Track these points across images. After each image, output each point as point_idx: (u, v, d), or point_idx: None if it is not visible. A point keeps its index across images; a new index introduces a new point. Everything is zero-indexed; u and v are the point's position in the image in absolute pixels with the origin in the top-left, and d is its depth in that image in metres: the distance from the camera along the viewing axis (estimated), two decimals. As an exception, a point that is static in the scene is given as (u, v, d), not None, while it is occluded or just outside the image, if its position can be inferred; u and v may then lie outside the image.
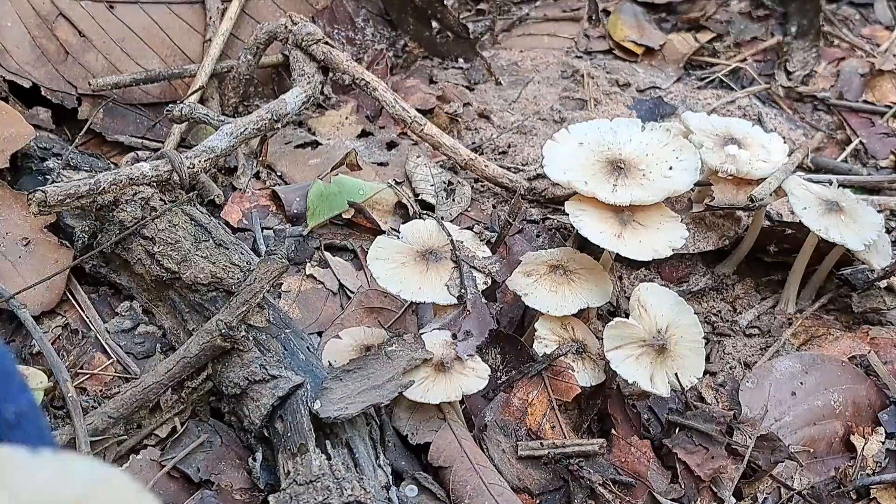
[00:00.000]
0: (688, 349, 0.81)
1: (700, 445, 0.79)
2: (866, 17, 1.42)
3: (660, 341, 0.79)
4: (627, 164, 0.87)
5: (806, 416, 0.84)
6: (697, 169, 0.88)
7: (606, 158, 0.88)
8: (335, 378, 0.77)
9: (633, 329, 0.79)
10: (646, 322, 0.80)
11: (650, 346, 0.79)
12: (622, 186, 0.85)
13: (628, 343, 0.79)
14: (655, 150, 0.89)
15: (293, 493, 0.71)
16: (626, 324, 0.79)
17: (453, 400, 0.78)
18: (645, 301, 0.81)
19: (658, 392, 0.78)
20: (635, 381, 0.78)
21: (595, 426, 0.83)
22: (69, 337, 0.92)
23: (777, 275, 0.99)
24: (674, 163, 0.88)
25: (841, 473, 0.81)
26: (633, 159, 0.88)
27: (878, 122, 1.24)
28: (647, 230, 0.86)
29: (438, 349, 0.79)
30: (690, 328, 0.82)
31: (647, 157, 0.88)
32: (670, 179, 0.87)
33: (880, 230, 0.90)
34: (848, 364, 0.89)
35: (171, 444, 0.80)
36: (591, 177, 0.86)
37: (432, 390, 0.77)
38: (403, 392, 0.77)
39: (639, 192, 0.85)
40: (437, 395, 0.77)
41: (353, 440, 0.75)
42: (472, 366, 0.79)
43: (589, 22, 1.38)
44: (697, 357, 0.81)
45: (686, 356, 0.80)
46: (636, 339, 0.79)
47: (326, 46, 1.10)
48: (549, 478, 0.78)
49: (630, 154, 0.89)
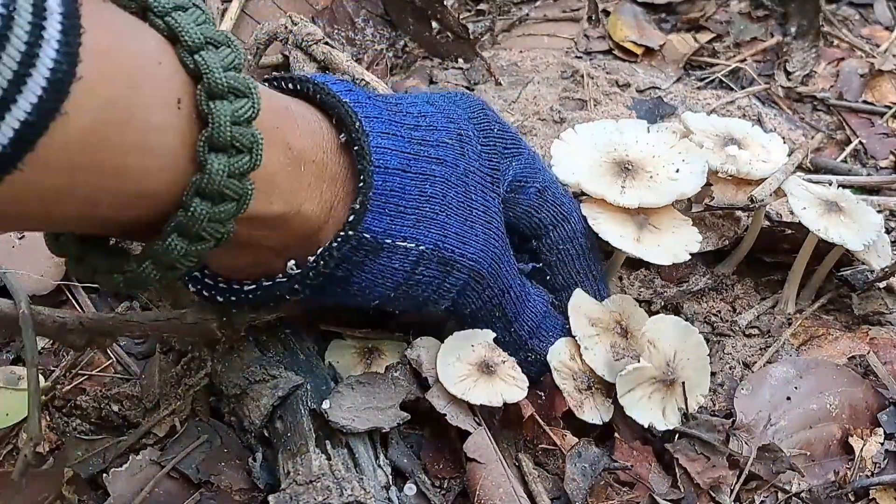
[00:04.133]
0: (693, 370, 0.81)
1: (701, 454, 0.79)
2: (866, 17, 1.41)
3: (670, 376, 0.79)
4: (635, 166, 0.87)
5: (801, 420, 0.85)
6: (704, 172, 0.88)
7: (614, 160, 0.87)
8: (348, 385, 0.77)
9: (645, 370, 0.79)
10: (656, 358, 0.80)
11: (661, 382, 0.79)
12: (630, 188, 0.85)
13: (640, 384, 0.79)
14: (662, 152, 0.89)
15: (293, 493, 0.71)
16: (639, 369, 0.79)
17: (494, 405, 0.77)
18: (654, 338, 0.81)
19: (672, 425, 0.78)
20: (651, 423, 0.78)
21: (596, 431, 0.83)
22: (69, 337, 0.92)
23: (777, 275, 0.99)
24: (680, 165, 0.87)
25: (839, 476, 0.81)
26: (640, 161, 0.88)
27: (877, 122, 1.24)
28: (663, 233, 0.85)
29: (480, 350, 0.79)
30: (696, 347, 0.82)
31: (653, 160, 0.88)
32: (677, 182, 0.86)
33: (880, 230, 0.90)
34: (843, 367, 0.89)
35: (170, 444, 0.81)
36: (600, 178, 0.86)
37: (473, 390, 0.77)
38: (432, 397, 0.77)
39: (647, 195, 0.85)
40: (478, 396, 0.77)
41: (353, 440, 0.75)
42: (512, 374, 0.79)
43: (589, 22, 1.38)
44: (703, 375, 0.82)
45: (692, 378, 0.80)
46: (647, 378, 0.79)
47: (326, 47, 1.10)
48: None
49: (637, 156, 0.88)
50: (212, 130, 0.53)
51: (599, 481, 0.78)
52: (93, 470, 0.80)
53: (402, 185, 0.68)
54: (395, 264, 0.69)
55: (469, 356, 0.78)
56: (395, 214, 0.68)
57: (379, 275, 0.70)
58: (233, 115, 0.53)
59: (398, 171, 0.68)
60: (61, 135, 0.45)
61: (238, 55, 0.55)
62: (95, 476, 0.79)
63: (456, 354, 0.78)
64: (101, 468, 0.79)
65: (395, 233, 0.68)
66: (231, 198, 0.55)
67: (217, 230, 0.56)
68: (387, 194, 0.67)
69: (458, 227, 0.72)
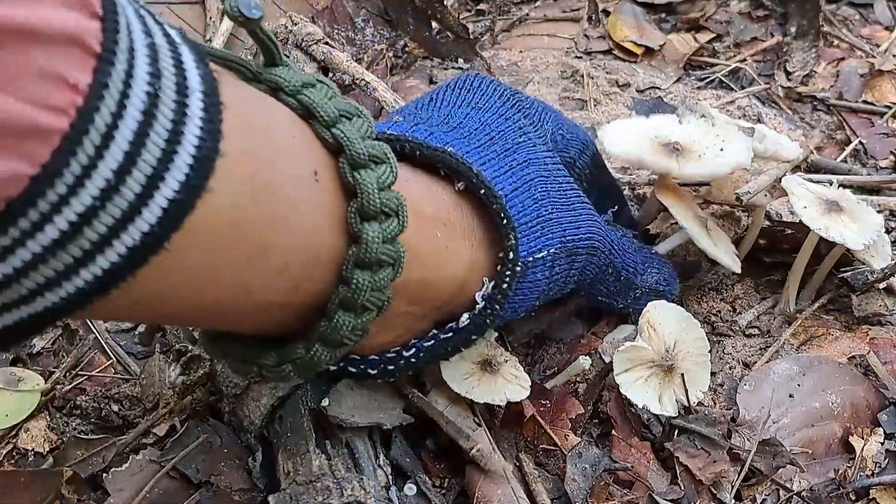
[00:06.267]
0: (693, 363, 0.80)
1: (702, 449, 0.79)
2: (866, 17, 1.41)
3: (668, 361, 0.79)
4: (682, 147, 0.87)
5: (804, 418, 0.84)
6: (749, 147, 0.88)
7: (660, 143, 0.88)
8: (347, 385, 0.77)
9: (643, 351, 0.79)
10: (655, 342, 0.80)
11: (659, 367, 0.79)
12: (685, 163, 0.85)
13: (637, 365, 0.79)
14: (700, 137, 0.89)
15: (293, 494, 0.71)
16: (636, 347, 0.78)
17: (497, 403, 0.77)
18: (654, 321, 0.81)
19: (667, 412, 0.78)
20: (644, 404, 0.78)
21: (595, 428, 0.83)
22: (69, 337, 0.92)
23: (777, 275, 0.99)
24: (722, 145, 0.88)
25: (840, 475, 0.81)
26: (685, 143, 0.88)
27: (877, 122, 1.23)
28: (719, 234, 0.89)
29: (483, 348, 0.79)
30: (697, 342, 0.82)
31: (695, 143, 0.88)
32: (725, 156, 0.87)
33: (880, 230, 0.90)
34: (845, 365, 0.89)
35: (170, 444, 0.81)
36: (654, 154, 0.86)
37: (477, 388, 0.77)
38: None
39: (702, 169, 0.86)
40: (481, 395, 0.77)
41: (353, 440, 0.75)
42: (515, 373, 0.78)
43: (589, 22, 1.38)
44: (703, 371, 0.81)
45: (691, 371, 0.80)
46: (645, 360, 0.79)
47: (326, 47, 1.10)
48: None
49: (681, 139, 0.89)
50: (362, 199, 0.54)
51: (600, 482, 0.78)
52: (92, 470, 0.79)
53: (521, 202, 0.70)
54: (537, 276, 0.71)
55: (472, 354, 0.78)
56: (527, 233, 0.70)
57: (528, 292, 0.72)
58: (378, 182, 0.54)
59: (512, 193, 0.70)
60: (207, 212, 0.44)
61: (370, 124, 0.57)
62: (95, 476, 0.79)
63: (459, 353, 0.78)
64: (100, 468, 0.79)
65: (532, 249, 0.70)
66: (388, 263, 0.56)
67: (378, 298, 0.57)
68: (517, 218, 0.69)
69: (567, 214, 0.74)
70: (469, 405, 0.79)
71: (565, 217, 0.73)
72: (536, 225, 0.71)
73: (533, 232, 0.70)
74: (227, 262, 0.48)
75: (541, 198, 0.72)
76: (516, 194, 0.70)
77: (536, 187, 0.72)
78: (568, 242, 0.73)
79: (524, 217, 0.70)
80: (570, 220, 0.74)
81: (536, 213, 0.71)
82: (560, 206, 0.73)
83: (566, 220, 0.73)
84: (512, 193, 0.70)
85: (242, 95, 0.51)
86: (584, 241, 0.75)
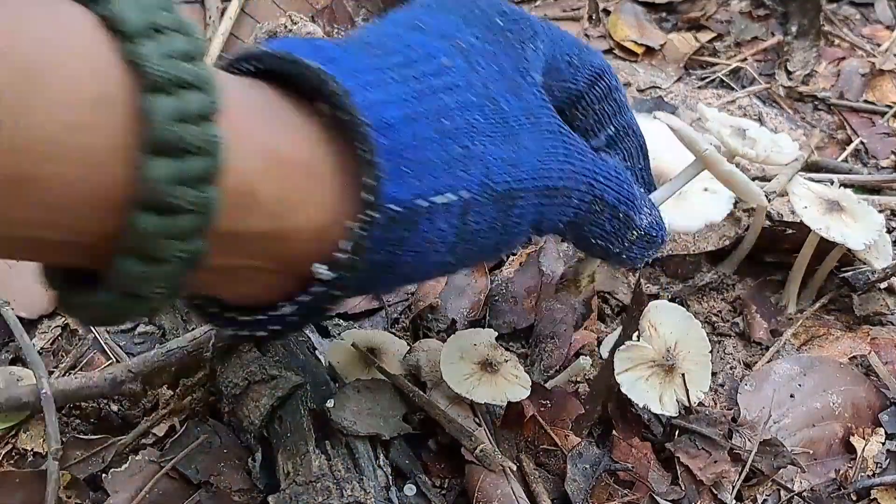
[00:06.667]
0: (694, 363, 0.80)
1: (703, 449, 0.79)
2: (867, 16, 1.41)
3: (669, 361, 0.79)
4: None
5: (805, 418, 0.84)
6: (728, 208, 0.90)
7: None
8: (353, 388, 0.77)
9: (644, 350, 0.78)
10: (656, 342, 0.80)
11: (659, 367, 0.79)
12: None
13: (638, 364, 0.79)
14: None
15: (293, 494, 0.71)
16: (638, 346, 0.78)
17: (498, 403, 0.77)
18: (656, 321, 0.81)
19: (668, 412, 0.78)
20: (645, 404, 0.77)
21: (596, 428, 0.83)
22: (68, 337, 0.92)
23: (778, 275, 0.98)
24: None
25: (841, 475, 0.81)
26: None
27: (878, 121, 1.23)
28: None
29: (483, 349, 0.78)
30: (698, 342, 0.81)
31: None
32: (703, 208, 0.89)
33: (881, 230, 0.90)
34: (846, 366, 0.89)
35: (170, 445, 0.80)
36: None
37: (478, 388, 0.76)
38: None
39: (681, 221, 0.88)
40: (482, 395, 0.76)
41: (352, 441, 0.75)
42: (515, 373, 0.78)
43: (589, 22, 1.38)
44: (704, 371, 0.81)
45: (692, 370, 0.80)
46: (646, 359, 0.79)
47: (326, 46, 1.10)
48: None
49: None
50: (149, 132, 0.44)
51: (600, 482, 0.78)
52: (92, 470, 0.79)
53: (414, 134, 0.56)
54: (440, 225, 0.57)
55: (472, 355, 0.78)
56: (418, 171, 0.56)
57: (425, 245, 0.58)
58: (177, 112, 0.45)
59: (402, 121, 0.56)
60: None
61: (196, 43, 0.47)
62: (95, 476, 0.79)
63: (459, 353, 0.78)
64: (100, 468, 0.79)
65: (426, 191, 0.56)
66: (185, 209, 0.46)
67: (178, 248, 0.47)
68: (398, 152, 0.55)
69: (500, 149, 0.60)
70: (469, 405, 0.79)
71: (496, 152, 0.59)
72: (437, 161, 0.56)
73: (429, 170, 0.56)
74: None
75: (455, 130, 0.57)
76: (409, 123, 0.56)
77: (452, 117, 0.57)
78: (495, 185, 0.58)
79: (415, 152, 0.55)
80: (504, 155, 0.59)
81: (441, 147, 0.56)
82: (490, 139, 0.59)
83: (495, 156, 0.59)
84: (401, 122, 0.56)
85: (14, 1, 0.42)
86: (526, 181, 0.60)
